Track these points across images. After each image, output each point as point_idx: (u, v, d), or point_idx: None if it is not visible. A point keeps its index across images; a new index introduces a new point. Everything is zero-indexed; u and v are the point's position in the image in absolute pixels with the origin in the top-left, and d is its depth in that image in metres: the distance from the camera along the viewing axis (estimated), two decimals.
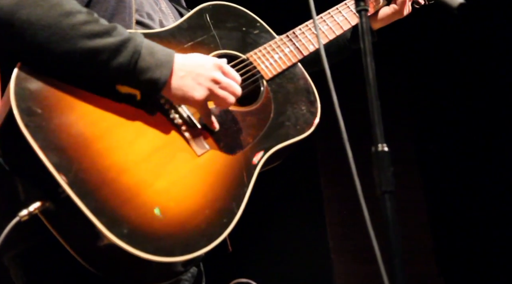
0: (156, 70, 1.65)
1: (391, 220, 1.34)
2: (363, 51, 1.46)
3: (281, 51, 2.03)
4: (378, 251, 1.34)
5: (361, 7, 1.52)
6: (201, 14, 1.98)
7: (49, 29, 1.57)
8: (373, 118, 1.41)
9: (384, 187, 1.36)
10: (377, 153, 1.39)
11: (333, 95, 1.54)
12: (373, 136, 1.40)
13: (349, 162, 1.46)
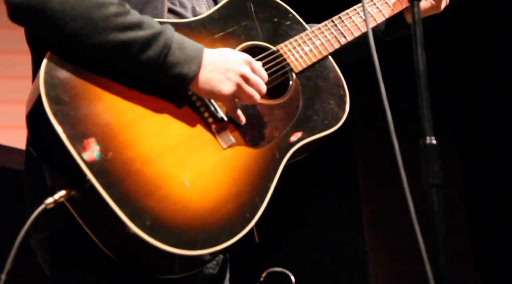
0: (184, 65, 1.65)
1: (437, 214, 1.32)
2: (414, 42, 1.44)
3: (312, 43, 2.00)
4: (423, 246, 1.33)
5: None
6: (232, 4, 1.96)
7: (81, 19, 1.58)
8: (422, 111, 1.39)
9: (432, 180, 1.34)
10: (425, 146, 1.37)
11: (381, 85, 1.51)
12: (421, 129, 1.39)
13: (396, 155, 1.44)
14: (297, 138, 1.85)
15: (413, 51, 1.41)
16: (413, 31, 1.43)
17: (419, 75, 1.40)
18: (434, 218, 1.32)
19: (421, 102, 1.39)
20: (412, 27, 1.44)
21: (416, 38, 1.42)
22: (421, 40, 1.42)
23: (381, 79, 1.47)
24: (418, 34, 1.41)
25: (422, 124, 1.38)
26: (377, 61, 1.49)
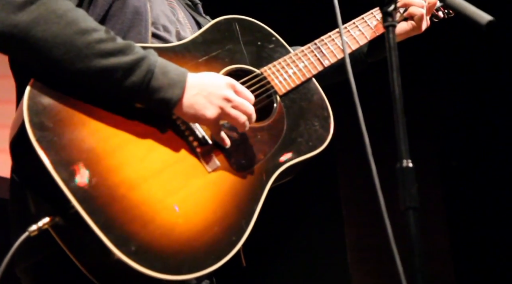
0: (168, 90, 1.66)
1: (414, 236, 1.33)
2: (390, 66, 1.46)
3: (296, 66, 2.02)
4: (401, 267, 1.34)
5: (389, 23, 1.52)
6: (216, 28, 1.98)
7: (64, 46, 1.59)
8: (398, 134, 1.41)
9: (409, 203, 1.36)
10: (402, 169, 1.38)
11: (358, 109, 1.54)
12: (398, 152, 1.40)
13: (373, 177, 1.45)
14: (282, 161, 1.85)
15: (389, 76, 1.42)
16: (388, 56, 1.45)
17: (395, 99, 1.41)
18: (411, 240, 1.33)
19: (397, 126, 1.40)
20: (387, 52, 1.46)
21: (392, 62, 1.44)
22: (396, 64, 1.44)
23: (358, 103, 1.49)
24: (394, 58, 1.44)
25: (399, 148, 1.39)
26: (354, 85, 1.51)
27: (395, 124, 1.41)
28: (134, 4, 1.88)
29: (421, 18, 2.24)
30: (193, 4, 2.28)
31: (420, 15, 2.23)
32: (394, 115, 1.42)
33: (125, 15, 1.85)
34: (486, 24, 1.40)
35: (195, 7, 2.27)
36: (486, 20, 1.40)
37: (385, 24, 1.51)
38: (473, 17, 1.41)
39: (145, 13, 1.90)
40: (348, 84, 1.55)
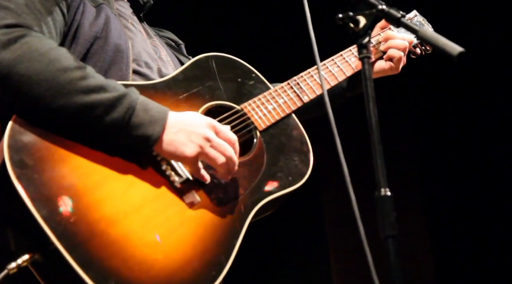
0: (149, 127, 1.68)
1: (394, 264, 1.34)
2: (366, 98, 1.49)
3: (275, 102, 2.05)
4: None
5: (364, 55, 1.54)
6: (197, 65, 2.01)
7: (46, 83, 1.61)
8: (376, 163, 1.42)
9: (387, 231, 1.37)
10: (380, 198, 1.40)
11: (337, 143, 1.58)
12: (376, 181, 1.41)
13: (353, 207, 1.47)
14: (261, 196, 1.87)
15: (365, 106, 1.45)
16: (364, 87, 1.48)
17: (372, 129, 1.44)
18: (391, 268, 1.34)
19: (375, 155, 1.42)
20: (363, 83, 1.49)
21: (368, 93, 1.47)
22: (372, 95, 1.47)
23: (337, 136, 1.52)
24: (369, 89, 1.47)
25: (376, 176, 1.41)
26: (333, 121, 1.54)
27: (373, 153, 1.43)
28: (115, 41, 1.92)
29: (399, 59, 2.30)
30: (176, 44, 2.33)
31: (399, 57, 2.30)
32: (372, 145, 1.44)
33: (107, 52, 1.89)
34: (457, 55, 1.44)
35: (178, 48, 2.32)
36: (457, 51, 1.44)
37: (360, 56, 1.54)
38: (445, 48, 1.45)
39: (126, 50, 1.93)
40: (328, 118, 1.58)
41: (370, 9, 1.52)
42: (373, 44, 2.32)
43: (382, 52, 2.32)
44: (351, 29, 1.52)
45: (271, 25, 4.31)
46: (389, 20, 1.54)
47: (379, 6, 1.53)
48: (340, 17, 1.55)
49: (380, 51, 2.32)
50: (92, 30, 1.90)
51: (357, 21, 1.52)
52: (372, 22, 1.50)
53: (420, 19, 2.52)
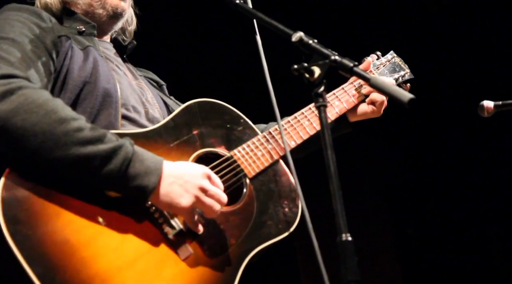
0: (145, 177, 1.70)
1: None
2: (324, 144, 1.53)
3: (264, 148, 2.07)
4: None
5: (320, 103, 1.59)
6: (187, 112, 2.02)
7: (42, 135, 1.62)
8: (336, 209, 1.45)
9: (350, 276, 1.39)
10: (341, 243, 1.43)
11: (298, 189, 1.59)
12: (337, 226, 1.44)
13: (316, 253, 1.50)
14: (253, 245, 1.89)
15: (324, 153, 1.49)
16: (321, 135, 1.52)
17: (331, 175, 1.48)
18: None
19: (335, 201, 1.45)
20: (320, 131, 1.53)
21: (325, 140, 1.51)
22: (330, 142, 1.51)
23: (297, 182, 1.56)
24: (327, 137, 1.51)
25: (337, 222, 1.44)
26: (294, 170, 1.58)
27: (333, 199, 1.46)
28: (104, 86, 1.94)
29: (381, 103, 2.35)
30: (158, 85, 2.36)
31: (381, 101, 2.34)
32: (331, 191, 1.47)
33: (96, 98, 1.91)
34: (408, 102, 1.48)
35: (160, 88, 2.35)
36: (408, 98, 1.48)
37: (316, 105, 1.58)
38: (396, 96, 1.49)
39: (115, 94, 1.96)
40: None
41: (323, 60, 1.58)
42: (355, 87, 2.37)
43: (364, 95, 2.37)
44: (307, 79, 1.58)
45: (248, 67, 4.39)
46: (342, 70, 1.59)
47: (332, 57, 1.58)
48: (295, 68, 1.61)
49: (362, 94, 2.36)
50: (81, 75, 1.93)
51: (312, 72, 1.57)
52: (326, 71, 1.57)
53: (397, 59, 2.57)
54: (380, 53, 2.54)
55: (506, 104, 2.58)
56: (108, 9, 2.18)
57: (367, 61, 2.43)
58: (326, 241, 1.81)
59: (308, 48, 1.67)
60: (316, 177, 2.06)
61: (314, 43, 1.68)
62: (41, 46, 1.88)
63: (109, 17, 2.20)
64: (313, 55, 1.61)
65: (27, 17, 1.95)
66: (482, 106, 2.60)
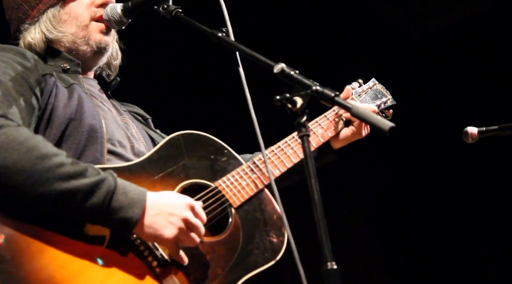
0: (128, 210, 1.71)
1: None
2: (307, 174, 1.54)
3: (249, 177, 2.08)
4: None
5: (303, 133, 1.61)
6: (171, 144, 2.04)
7: (24, 172, 1.63)
8: (321, 238, 1.47)
9: None
10: (327, 272, 1.43)
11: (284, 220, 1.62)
12: (322, 255, 1.45)
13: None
14: (239, 275, 1.89)
15: (308, 182, 1.51)
16: (305, 164, 1.54)
17: (315, 204, 1.49)
18: None
19: (320, 230, 1.46)
20: (304, 161, 1.55)
21: (309, 170, 1.53)
22: (313, 171, 1.53)
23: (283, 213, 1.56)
24: (310, 166, 1.52)
25: (322, 251, 1.45)
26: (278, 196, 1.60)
27: (317, 228, 1.48)
28: (89, 122, 1.96)
29: (361, 124, 2.37)
30: (143, 119, 2.38)
31: (361, 121, 2.35)
32: (316, 220, 1.49)
33: (82, 134, 1.93)
34: (388, 130, 1.50)
35: (146, 122, 2.37)
36: (388, 126, 1.51)
37: (299, 134, 1.60)
38: (377, 124, 1.51)
39: (101, 130, 1.97)
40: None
41: (305, 90, 1.61)
42: (337, 114, 2.40)
43: (346, 121, 2.40)
44: (289, 110, 1.60)
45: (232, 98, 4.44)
46: (323, 100, 1.61)
47: (313, 87, 1.61)
48: (278, 98, 1.63)
49: (344, 120, 2.40)
50: (66, 112, 1.94)
51: (294, 102, 1.60)
52: (309, 101, 1.59)
53: (379, 86, 2.61)
54: (362, 81, 2.59)
55: (489, 130, 2.62)
56: (92, 45, 2.21)
57: (347, 89, 2.48)
58: (313, 268, 1.80)
59: (290, 79, 1.70)
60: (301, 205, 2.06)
61: (295, 74, 1.72)
62: (24, 85, 1.91)
63: (94, 53, 2.23)
64: (295, 85, 1.64)
65: (11, 57, 1.98)
66: (467, 132, 2.63)
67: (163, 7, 2.07)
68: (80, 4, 2.21)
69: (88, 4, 2.22)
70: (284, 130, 2.22)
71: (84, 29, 2.19)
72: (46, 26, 2.16)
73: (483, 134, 2.61)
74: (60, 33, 2.17)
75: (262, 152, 1.88)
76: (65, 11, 2.19)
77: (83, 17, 2.20)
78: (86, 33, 2.19)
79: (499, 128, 2.58)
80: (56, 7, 2.18)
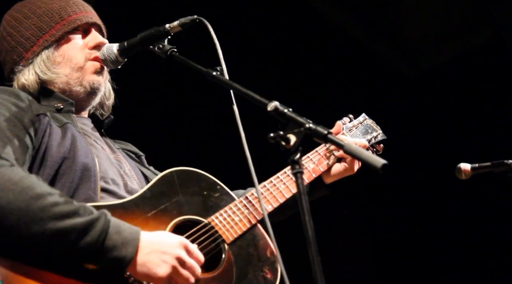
0: (122, 249, 1.72)
1: None
2: (301, 210, 1.56)
3: (241, 213, 2.09)
4: None
5: (297, 170, 1.63)
6: (163, 181, 2.05)
7: (19, 212, 1.65)
8: (316, 275, 1.48)
9: None
10: None
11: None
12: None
13: None
14: None
15: (301, 219, 1.52)
16: (299, 201, 1.56)
17: (309, 241, 1.51)
18: None
19: (314, 267, 1.48)
20: (298, 197, 1.56)
21: (303, 207, 1.54)
22: (307, 208, 1.55)
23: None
24: (304, 203, 1.54)
25: None
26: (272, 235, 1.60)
27: (312, 265, 1.49)
28: (82, 161, 1.99)
29: (353, 160, 2.40)
30: (136, 156, 2.41)
31: (352, 158, 2.38)
32: (310, 256, 1.50)
33: (75, 172, 1.95)
34: (381, 167, 1.52)
35: (139, 159, 2.40)
36: (381, 163, 1.53)
37: (293, 171, 1.63)
38: (369, 161, 1.53)
39: (94, 168, 2.00)
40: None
41: (299, 128, 1.64)
42: (329, 149, 2.42)
43: (337, 157, 2.42)
44: (283, 147, 1.62)
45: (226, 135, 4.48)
46: (317, 137, 1.64)
47: (306, 125, 1.64)
48: (271, 136, 1.66)
49: (335, 156, 2.42)
50: (60, 151, 1.97)
51: (288, 139, 1.63)
52: (302, 139, 1.61)
53: (369, 121, 2.64)
54: (353, 116, 2.62)
55: (482, 166, 2.64)
56: (85, 86, 2.25)
57: (338, 124, 2.51)
58: None
59: (284, 117, 1.73)
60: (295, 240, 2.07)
61: (289, 112, 1.75)
62: (19, 125, 1.94)
63: (87, 94, 2.26)
64: (288, 123, 1.66)
65: (5, 98, 2.02)
66: (460, 169, 2.65)
67: (159, 46, 2.12)
68: (74, 46, 2.26)
69: (81, 46, 2.27)
70: (277, 166, 2.25)
71: (78, 70, 2.24)
72: (40, 67, 2.21)
73: (476, 170, 2.64)
74: (54, 75, 2.21)
75: (255, 188, 1.89)
76: (59, 53, 2.24)
77: (77, 59, 2.24)
78: (80, 74, 2.24)
79: (492, 165, 2.60)
80: (50, 49, 2.23)
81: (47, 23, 2.25)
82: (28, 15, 2.26)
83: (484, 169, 2.63)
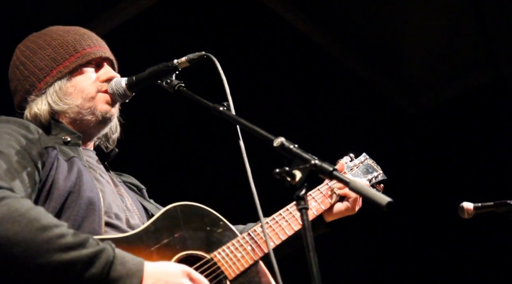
0: (127, 280, 1.73)
1: None
2: (306, 247, 1.57)
3: (244, 249, 2.09)
4: None
5: (302, 206, 1.64)
6: (167, 215, 2.06)
7: (25, 244, 1.67)
8: None
9: None
10: None
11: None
12: None
13: None
14: None
15: (306, 255, 1.52)
16: (304, 237, 1.56)
17: (313, 277, 1.50)
18: None
19: None
20: (303, 234, 1.57)
21: (308, 243, 1.55)
22: (312, 244, 1.55)
23: None
24: (309, 239, 1.55)
25: None
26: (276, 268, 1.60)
27: None
28: (87, 195, 2.01)
29: (355, 200, 2.42)
30: (138, 189, 2.42)
31: (355, 197, 2.41)
32: None
33: (80, 206, 1.97)
34: (386, 205, 1.53)
35: (140, 193, 2.41)
36: (386, 201, 1.54)
37: (298, 207, 1.63)
38: (374, 199, 1.54)
39: (98, 203, 2.02)
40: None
41: (304, 164, 1.65)
42: (331, 188, 2.44)
43: (339, 196, 2.43)
44: (288, 183, 1.63)
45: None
46: (322, 174, 1.65)
47: (312, 161, 1.65)
48: (277, 171, 1.68)
49: (337, 195, 2.43)
50: (66, 185, 1.99)
51: (293, 175, 1.64)
52: (307, 175, 1.62)
53: (370, 161, 2.67)
54: (354, 155, 2.64)
55: (485, 206, 2.64)
56: (97, 115, 2.27)
57: (341, 163, 2.53)
58: None
59: (289, 153, 1.74)
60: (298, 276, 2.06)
61: (294, 148, 1.76)
62: (27, 157, 1.96)
63: (98, 122, 2.29)
64: (294, 159, 1.67)
65: (15, 129, 2.05)
66: (462, 208, 2.65)
67: (167, 81, 2.15)
68: (86, 78, 2.29)
69: (94, 79, 2.30)
70: (282, 201, 2.26)
71: (90, 100, 2.27)
72: (53, 98, 2.24)
73: (478, 210, 2.64)
74: (65, 105, 2.24)
75: (261, 223, 1.90)
76: (71, 84, 2.27)
77: (89, 90, 2.27)
78: (92, 104, 2.27)
79: (494, 205, 2.61)
80: (63, 80, 2.26)
81: (62, 54, 2.28)
82: (43, 46, 2.30)
83: (487, 208, 2.63)
